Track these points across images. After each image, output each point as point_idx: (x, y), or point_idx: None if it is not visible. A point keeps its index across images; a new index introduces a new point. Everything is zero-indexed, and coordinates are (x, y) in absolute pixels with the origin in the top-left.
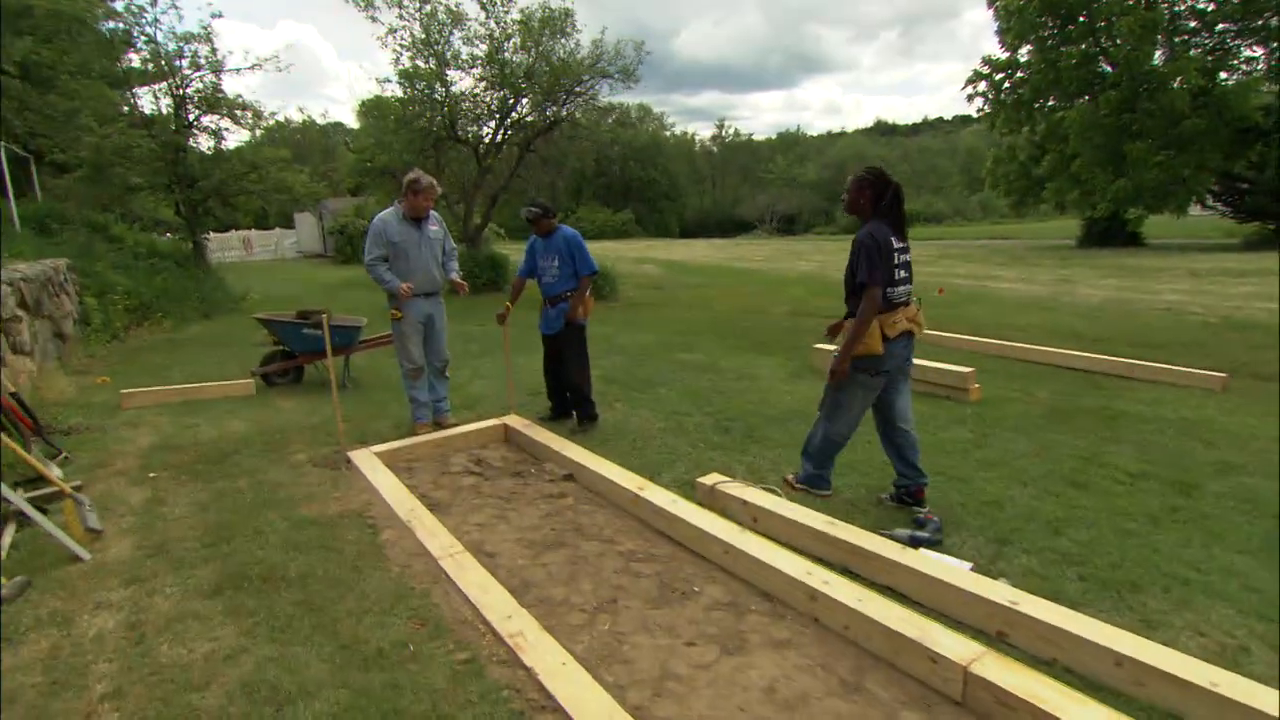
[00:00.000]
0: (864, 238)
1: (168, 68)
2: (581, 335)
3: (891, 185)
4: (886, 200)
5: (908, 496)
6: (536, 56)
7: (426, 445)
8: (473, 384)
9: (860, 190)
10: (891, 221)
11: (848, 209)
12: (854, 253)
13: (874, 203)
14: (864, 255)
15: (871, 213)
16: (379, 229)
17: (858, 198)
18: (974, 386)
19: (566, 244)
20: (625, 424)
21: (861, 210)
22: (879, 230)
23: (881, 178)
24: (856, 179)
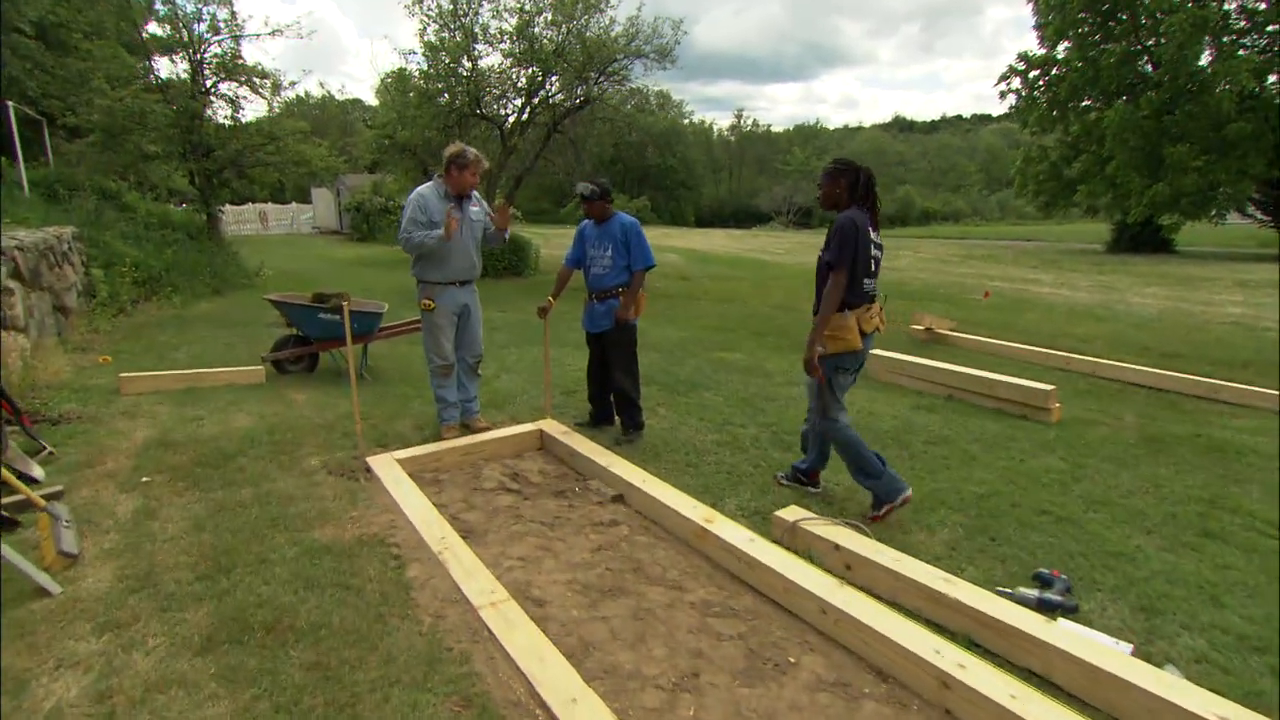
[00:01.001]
0: (844, 221)
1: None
2: (631, 336)
3: (862, 172)
4: (861, 187)
5: (804, 477)
6: (568, 33)
7: (455, 452)
8: (500, 379)
9: (834, 181)
10: (868, 211)
11: (824, 203)
12: (829, 236)
13: (849, 191)
14: (839, 237)
15: (848, 202)
16: (419, 204)
17: (832, 189)
18: (1055, 406)
19: (624, 232)
20: (674, 435)
21: (838, 201)
22: (859, 217)
23: (851, 166)
24: (827, 172)
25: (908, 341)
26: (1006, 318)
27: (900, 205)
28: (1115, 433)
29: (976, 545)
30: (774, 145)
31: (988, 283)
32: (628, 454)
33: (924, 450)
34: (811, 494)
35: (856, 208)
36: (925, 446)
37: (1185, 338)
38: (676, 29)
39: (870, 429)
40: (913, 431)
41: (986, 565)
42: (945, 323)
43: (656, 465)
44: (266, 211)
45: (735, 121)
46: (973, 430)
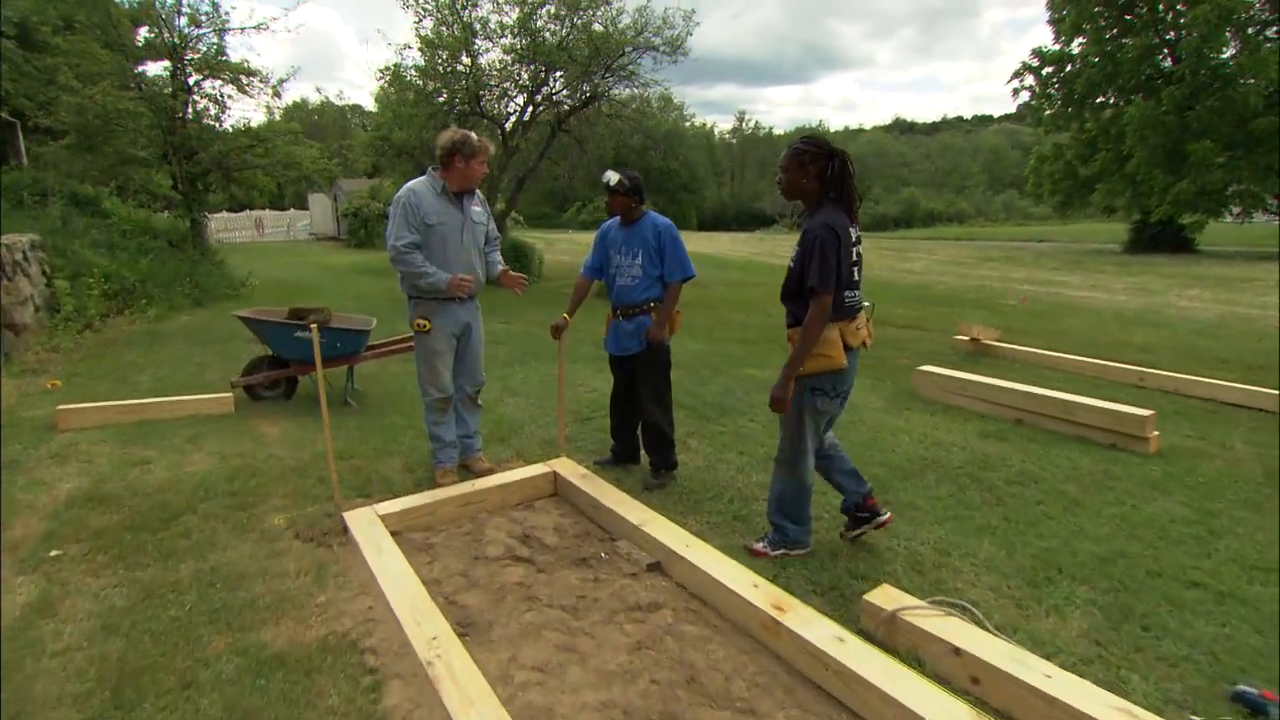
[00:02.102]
0: (818, 230)
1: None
2: (665, 360)
3: (837, 157)
4: (834, 176)
5: (863, 512)
6: (572, 28)
7: (451, 504)
8: (503, 404)
9: (800, 168)
10: (844, 205)
11: (787, 191)
12: (804, 247)
13: (819, 180)
14: (817, 252)
15: (819, 194)
16: (410, 204)
17: (798, 177)
18: (1154, 434)
19: (656, 236)
20: (712, 475)
21: (805, 192)
22: (837, 219)
23: (824, 149)
24: (794, 153)
25: (952, 353)
26: (1050, 325)
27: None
28: (1231, 467)
29: (1127, 638)
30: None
31: (1015, 286)
32: (661, 503)
33: (1011, 492)
34: (883, 525)
35: (830, 204)
36: (1011, 487)
37: (1259, 347)
38: (688, 19)
39: (939, 463)
40: (990, 466)
41: (1156, 673)
42: (991, 332)
43: (697, 518)
44: (262, 218)
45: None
46: (1059, 464)
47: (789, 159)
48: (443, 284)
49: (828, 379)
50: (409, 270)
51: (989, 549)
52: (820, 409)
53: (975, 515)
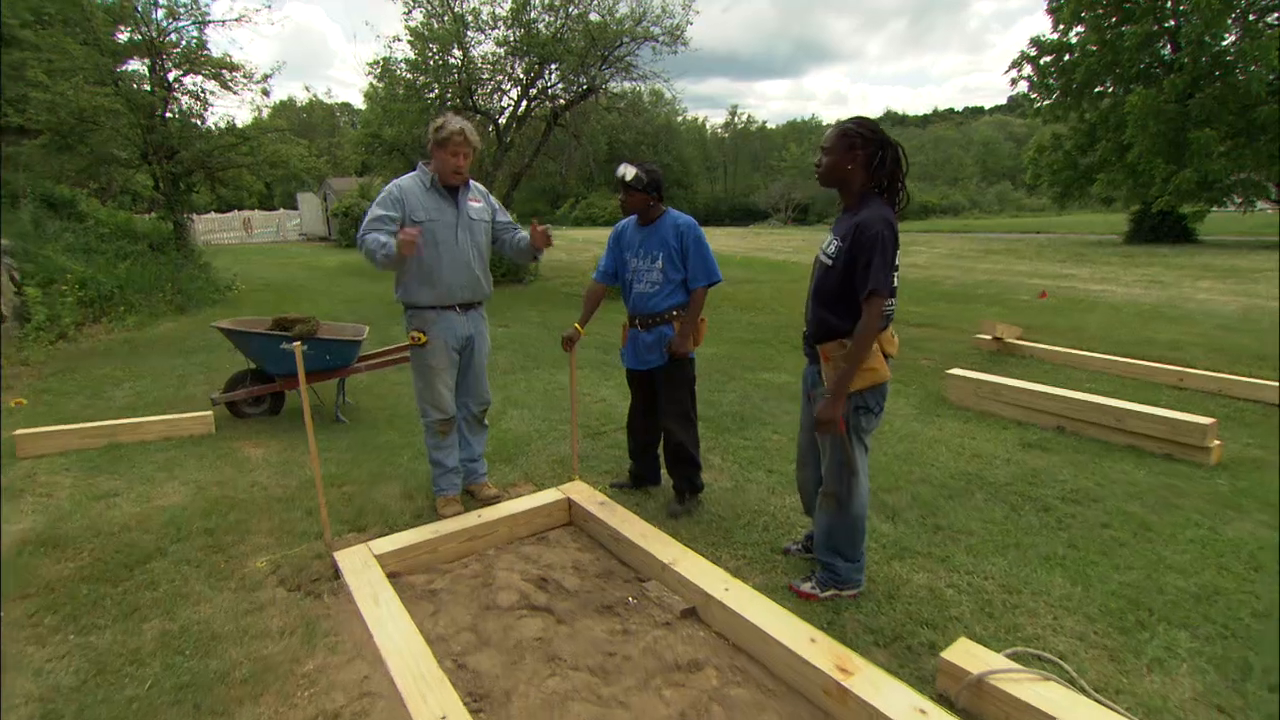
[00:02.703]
0: (879, 225)
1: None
2: (689, 375)
3: (890, 147)
4: (887, 167)
5: None
6: (567, 18)
7: (456, 539)
8: (507, 417)
9: (847, 151)
10: (889, 199)
11: (826, 176)
12: (859, 244)
13: (867, 169)
14: (878, 252)
15: (863, 184)
16: (393, 197)
17: (844, 161)
18: (1216, 444)
19: (678, 236)
20: (741, 499)
21: (846, 180)
22: (892, 216)
23: (877, 134)
24: (841, 133)
25: (975, 354)
26: (1069, 321)
27: None
28: None
29: (1257, 704)
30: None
31: (1024, 281)
32: (689, 533)
33: (1070, 514)
34: None
35: (879, 197)
36: (1069, 507)
37: None
38: (688, 7)
39: (984, 479)
40: (1040, 482)
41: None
42: (1013, 330)
43: (730, 551)
44: (251, 218)
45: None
46: (1115, 479)
47: (836, 140)
48: (393, 248)
49: (873, 395)
50: (368, 252)
51: (1062, 584)
52: (865, 428)
53: (1038, 542)
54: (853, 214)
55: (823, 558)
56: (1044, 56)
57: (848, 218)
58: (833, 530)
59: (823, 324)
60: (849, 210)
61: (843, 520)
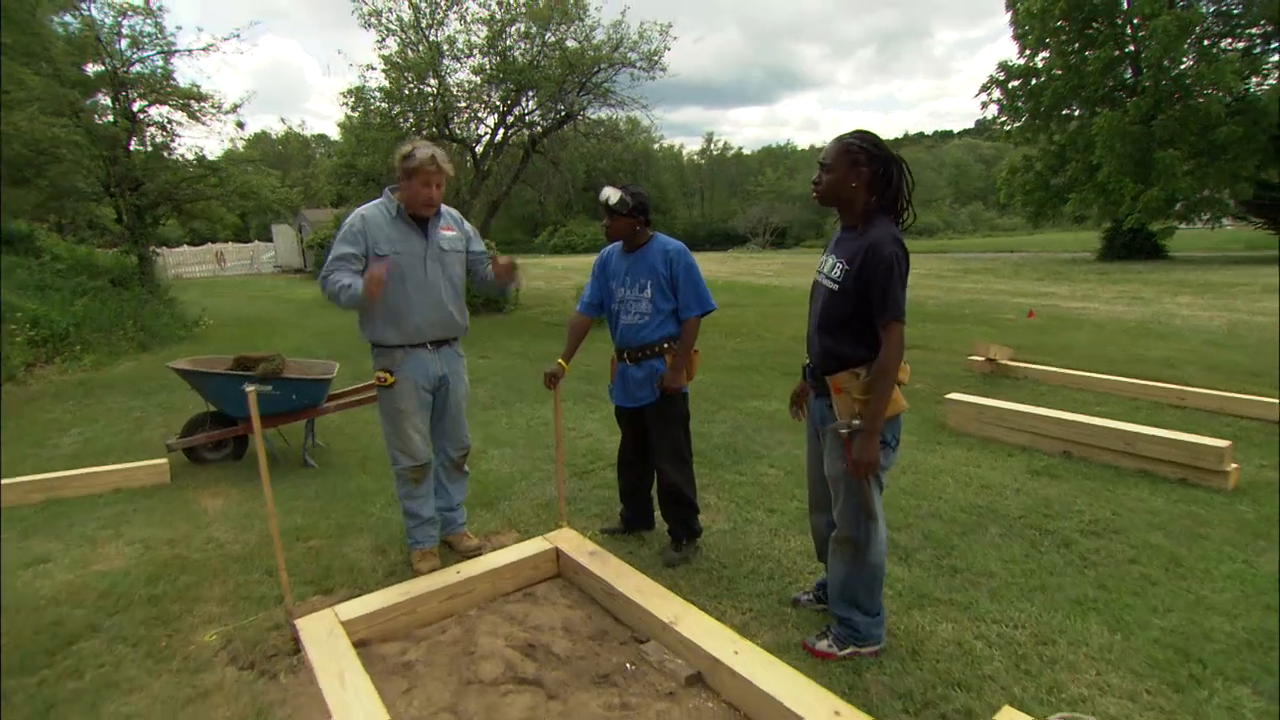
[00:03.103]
0: (890, 246)
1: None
2: (683, 412)
3: (895, 163)
4: (893, 186)
5: None
6: (543, 45)
7: (433, 599)
8: (487, 457)
9: (850, 168)
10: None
11: (826, 195)
12: (869, 267)
13: (870, 188)
14: (896, 275)
15: (867, 203)
16: (355, 229)
17: (846, 179)
18: (1233, 467)
19: (668, 263)
20: (741, 541)
21: (848, 200)
22: (900, 236)
23: (880, 150)
24: (843, 149)
25: (969, 376)
26: (1057, 340)
27: None
28: None
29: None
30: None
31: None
32: (688, 583)
33: (1093, 549)
34: None
35: (881, 216)
36: (1090, 541)
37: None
38: (665, 33)
39: (997, 512)
40: (1055, 514)
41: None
42: (1005, 351)
43: (735, 603)
44: (223, 251)
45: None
46: (1132, 509)
47: (838, 156)
48: (359, 288)
49: (890, 428)
50: (331, 293)
51: (1099, 632)
52: (884, 465)
53: (1065, 583)
54: (858, 234)
55: (839, 612)
56: (1012, 81)
57: (852, 238)
58: (849, 581)
59: (830, 354)
60: (850, 230)
61: (860, 569)
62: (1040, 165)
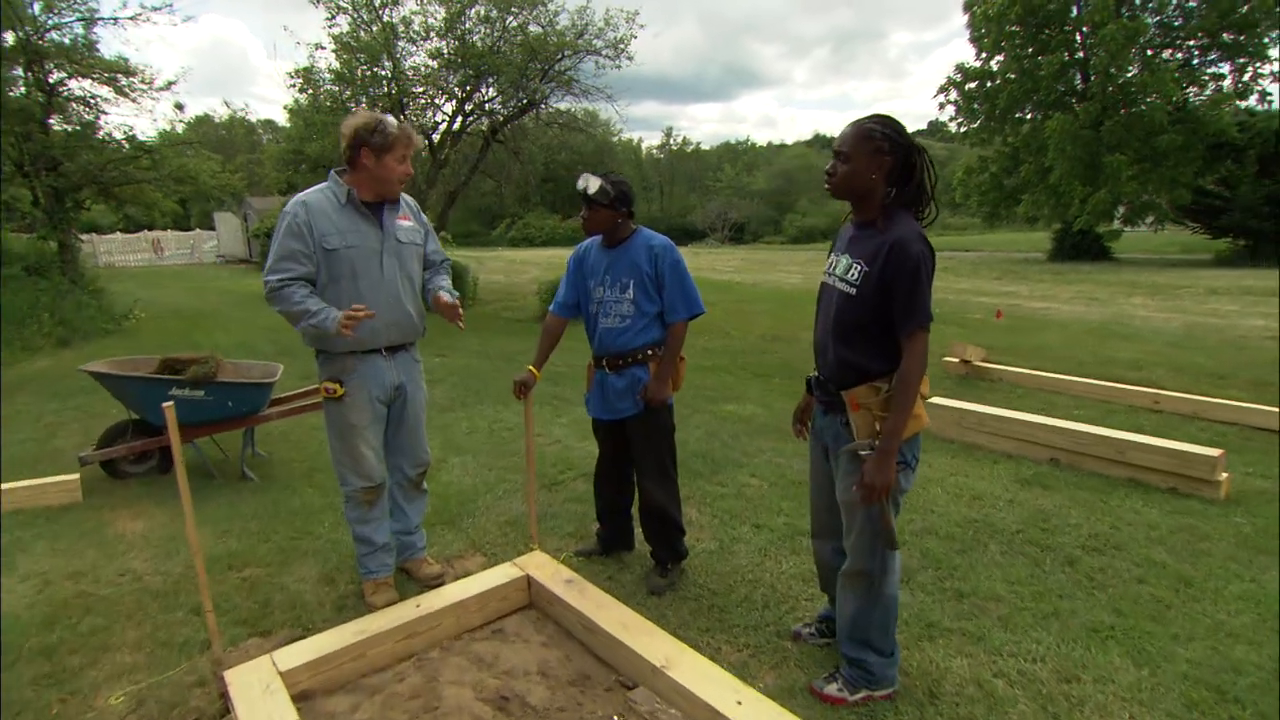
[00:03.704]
0: (918, 245)
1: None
2: (667, 424)
3: (918, 152)
4: (915, 177)
5: None
6: (504, 30)
7: (389, 639)
8: (447, 467)
9: (871, 156)
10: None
11: (840, 186)
12: (896, 271)
13: (888, 179)
14: (922, 278)
15: (886, 196)
16: (299, 221)
17: (866, 169)
18: (1224, 476)
19: (653, 261)
20: (729, 563)
21: (866, 192)
22: (924, 233)
23: (906, 136)
24: (866, 136)
25: (944, 378)
26: (1026, 340)
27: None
28: None
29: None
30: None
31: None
32: (676, 614)
33: (1098, 567)
34: None
35: (903, 212)
36: (1093, 558)
37: (1246, 359)
38: (631, 20)
39: (993, 526)
40: (1053, 528)
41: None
42: (978, 352)
43: (729, 637)
44: (160, 239)
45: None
46: (1129, 521)
47: (858, 144)
48: (330, 325)
49: (910, 447)
50: (286, 310)
51: (1124, 665)
52: (904, 488)
53: (1077, 608)
54: (877, 231)
55: (850, 652)
56: (969, 83)
57: (869, 235)
58: (861, 618)
59: (847, 366)
60: (867, 226)
61: (874, 605)
62: (995, 167)
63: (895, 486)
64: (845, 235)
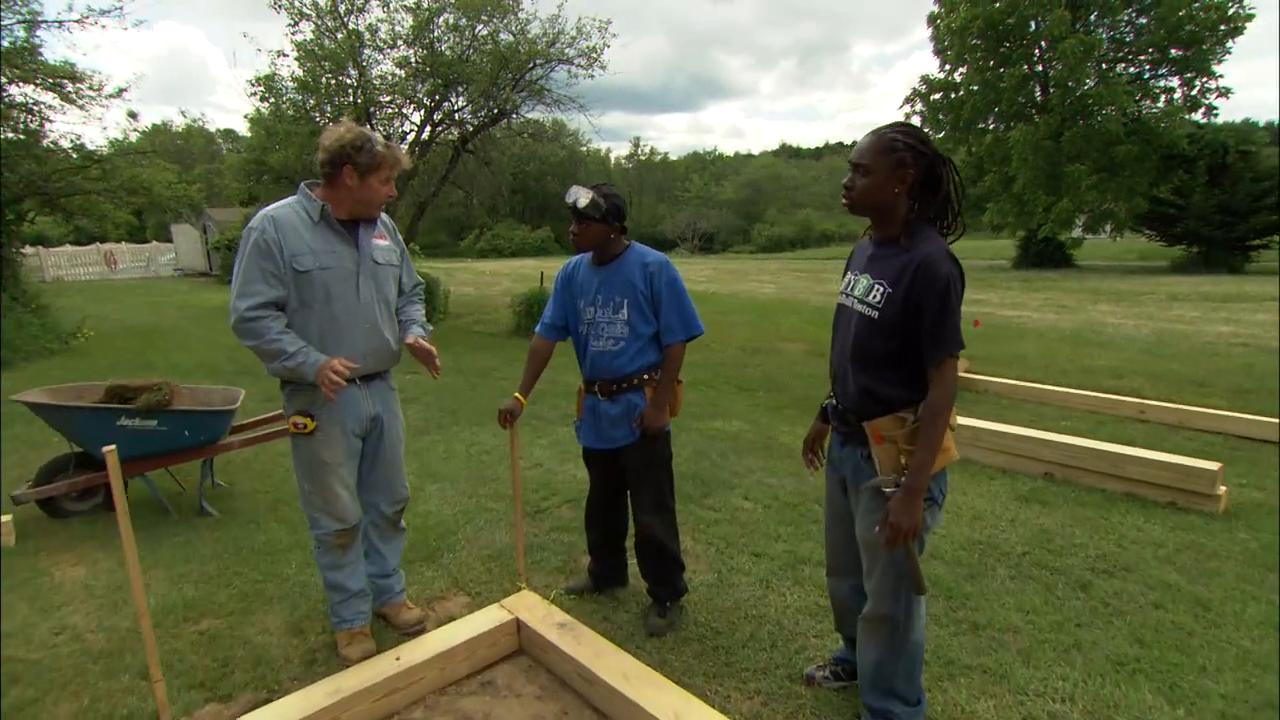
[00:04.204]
0: (948, 267)
1: None
2: (664, 454)
3: (945, 162)
4: (943, 188)
5: None
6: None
7: (365, 699)
8: (424, 495)
9: (894, 169)
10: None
11: (859, 201)
12: (924, 292)
13: (911, 191)
14: (953, 301)
15: (909, 211)
16: (268, 239)
17: (890, 182)
18: (1223, 490)
19: (647, 279)
20: (730, 596)
21: (894, 206)
22: (951, 251)
23: (928, 145)
24: (888, 147)
25: None
26: (1003, 349)
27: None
28: None
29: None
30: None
31: None
32: (677, 657)
33: (1111, 591)
34: None
35: (927, 227)
36: (1105, 581)
37: (1217, 366)
38: (604, 30)
39: (998, 548)
40: (1058, 549)
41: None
42: (960, 363)
43: (739, 685)
44: (113, 252)
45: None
46: (1134, 539)
47: (878, 155)
48: (310, 372)
49: (937, 482)
50: (259, 347)
51: (1157, 704)
52: (930, 526)
53: (1098, 638)
54: (900, 249)
55: (874, 703)
56: (934, 94)
57: (892, 254)
58: (885, 665)
59: (869, 394)
60: (889, 244)
61: (899, 651)
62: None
63: (922, 526)
64: (863, 253)
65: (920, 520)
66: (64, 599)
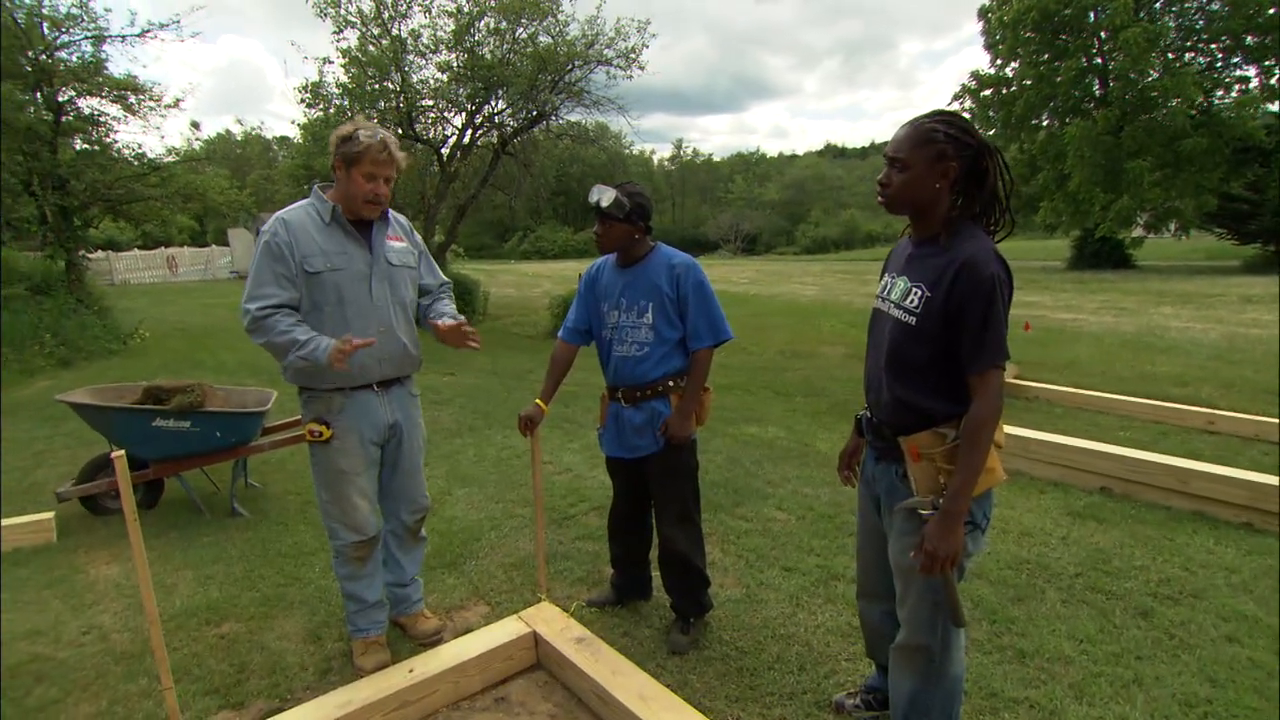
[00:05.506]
0: (993, 268)
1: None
2: (690, 464)
3: (991, 153)
4: (989, 181)
5: None
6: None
7: (378, 711)
8: (450, 500)
9: (934, 163)
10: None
11: (896, 198)
12: (967, 296)
13: (954, 185)
14: (999, 306)
15: (952, 208)
16: (280, 241)
17: (929, 177)
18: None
19: (674, 282)
20: (757, 613)
21: (935, 202)
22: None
23: (972, 135)
24: (927, 139)
25: None
26: (1058, 354)
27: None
28: None
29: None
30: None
31: None
32: (700, 678)
33: (1177, 620)
34: None
35: (975, 224)
36: (1170, 610)
37: None
38: (643, 30)
39: (1049, 569)
40: (1115, 571)
41: None
42: (1011, 369)
43: (763, 710)
44: (175, 256)
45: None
46: (1203, 562)
47: (916, 148)
48: (322, 357)
49: (980, 505)
50: (270, 343)
51: None
52: (972, 552)
53: (1162, 673)
54: (940, 249)
55: None
56: (984, 90)
57: (932, 254)
58: (920, 699)
59: (905, 407)
60: (929, 244)
61: (935, 685)
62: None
63: (962, 553)
64: (902, 253)
65: (960, 547)
66: (95, 597)
